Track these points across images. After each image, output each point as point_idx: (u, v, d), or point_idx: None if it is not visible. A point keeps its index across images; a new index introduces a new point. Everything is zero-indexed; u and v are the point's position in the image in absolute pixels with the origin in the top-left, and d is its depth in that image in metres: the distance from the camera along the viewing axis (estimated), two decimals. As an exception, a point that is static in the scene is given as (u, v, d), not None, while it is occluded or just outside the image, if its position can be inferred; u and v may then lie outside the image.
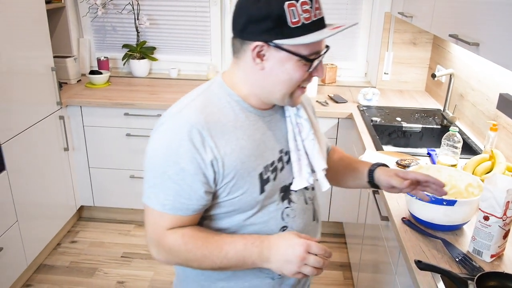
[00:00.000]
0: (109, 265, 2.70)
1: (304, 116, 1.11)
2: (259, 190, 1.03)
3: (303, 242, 0.97)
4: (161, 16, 3.25)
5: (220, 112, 1.01)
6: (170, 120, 0.99)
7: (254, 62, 0.98)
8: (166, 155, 0.96)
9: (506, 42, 1.29)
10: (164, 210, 0.99)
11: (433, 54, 3.04)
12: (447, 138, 1.80)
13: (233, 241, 1.00)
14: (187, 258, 1.01)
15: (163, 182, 0.98)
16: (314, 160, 1.11)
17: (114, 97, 2.84)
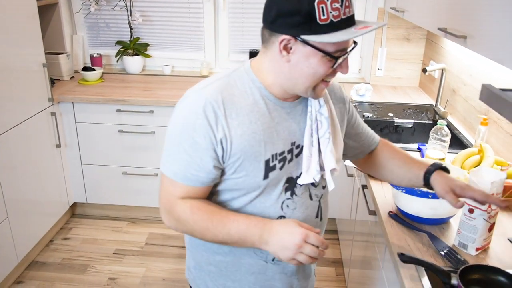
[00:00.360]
0: (101, 262, 2.69)
1: (325, 114, 1.12)
2: (263, 175, 1.07)
3: (303, 231, 1.00)
4: (154, 13, 3.24)
5: (240, 95, 1.05)
6: (192, 96, 1.05)
7: (281, 54, 1.00)
8: (183, 127, 1.03)
9: (493, 35, 1.29)
10: (175, 179, 1.06)
11: (426, 50, 3.03)
12: (435, 132, 1.79)
13: (237, 220, 1.05)
14: (193, 228, 1.07)
15: (178, 153, 1.05)
16: (325, 159, 1.12)
17: (106, 94, 2.83)
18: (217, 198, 1.14)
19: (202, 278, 1.26)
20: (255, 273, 1.19)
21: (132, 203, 3.07)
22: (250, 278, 1.20)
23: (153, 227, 3.05)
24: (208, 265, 1.22)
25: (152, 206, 3.06)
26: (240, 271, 1.20)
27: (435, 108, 2.54)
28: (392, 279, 1.42)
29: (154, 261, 2.71)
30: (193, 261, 1.27)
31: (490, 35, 1.30)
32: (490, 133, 2.01)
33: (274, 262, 1.18)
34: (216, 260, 1.20)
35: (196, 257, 1.25)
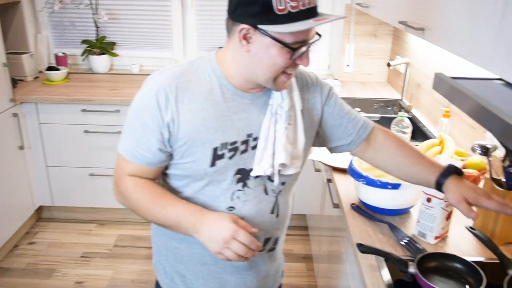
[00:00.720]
0: (67, 266, 2.63)
1: (285, 108, 1.11)
2: (209, 162, 1.07)
3: (233, 227, 1.00)
4: (121, 11, 3.19)
5: (197, 82, 1.07)
6: (150, 79, 1.08)
7: (241, 44, 1.00)
8: (137, 108, 1.07)
9: (449, 27, 1.30)
10: (125, 156, 1.10)
11: (393, 46, 3.07)
12: (395, 124, 1.81)
13: (176, 205, 1.07)
14: (135, 205, 1.11)
15: (130, 131, 1.08)
16: (276, 153, 1.11)
17: (71, 93, 2.77)
18: (170, 183, 1.16)
19: (162, 263, 1.27)
20: (207, 263, 1.19)
21: (100, 205, 3.00)
22: (203, 269, 1.20)
23: (122, 228, 3.00)
24: (166, 251, 1.24)
25: (121, 207, 2.99)
26: (193, 261, 1.20)
27: (401, 102, 2.57)
28: (355, 272, 1.42)
29: (123, 263, 2.66)
30: (155, 245, 1.29)
31: (446, 27, 1.31)
32: (453, 125, 2.04)
33: None
34: (172, 246, 1.22)
35: (156, 241, 1.28)
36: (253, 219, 1.14)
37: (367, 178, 1.41)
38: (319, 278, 2.33)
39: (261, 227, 1.16)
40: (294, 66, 1.03)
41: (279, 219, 1.21)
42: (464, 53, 1.17)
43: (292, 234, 2.95)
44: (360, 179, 1.43)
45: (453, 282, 1.16)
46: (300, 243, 2.87)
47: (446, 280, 1.16)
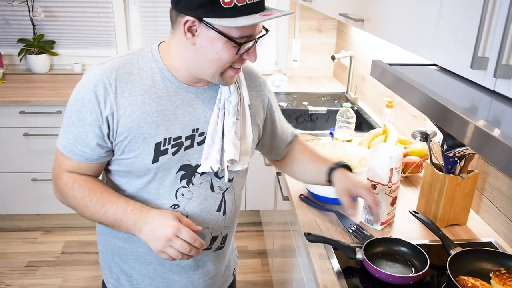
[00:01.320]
0: (11, 277, 2.49)
1: (233, 103, 1.08)
2: (152, 158, 1.04)
3: (175, 225, 0.97)
4: (58, 8, 3.05)
5: (138, 75, 1.03)
6: (89, 70, 1.03)
7: (186, 37, 0.97)
8: (74, 101, 1.02)
9: (386, 18, 1.34)
10: (63, 151, 1.05)
11: (338, 40, 3.12)
12: (341, 114, 1.84)
13: (116, 202, 1.03)
14: (73, 203, 1.06)
15: (68, 126, 1.03)
16: (225, 149, 1.09)
17: (8, 95, 2.62)
18: (113, 179, 1.12)
19: (107, 262, 1.23)
20: (152, 263, 1.15)
21: (46, 211, 2.87)
22: (149, 268, 1.16)
23: (69, 235, 2.88)
24: (111, 250, 1.20)
25: (68, 212, 2.86)
26: (138, 260, 1.16)
27: (346, 95, 2.62)
28: (306, 264, 1.43)
29: (71, 270, 2.55)
30: (100, 244, 1.24)
31: (384, 18, 1.34)
32: (396, 115, 2.10)
33: None
34: (116, 245, 1.18)
35: (101, 240, 1.22)
36: (198, 217, 1.11)
37: (314, 169, 1.42)
38: (274, 273, 2.34)
39: (207, 225, 1.13)
40: (241, 61, 1.01)
41: (226, 216, 1.18)
42: (400, 42, 1.20)
43: (247, 230, 2.94)
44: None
45: (400, 265, 1.19)
46: (254, 239, 2.86)
47: (393, 264, 1.19)
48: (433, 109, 0.85)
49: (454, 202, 1.35)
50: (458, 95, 0.88)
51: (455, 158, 1.30)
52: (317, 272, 1.17)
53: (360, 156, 1.55)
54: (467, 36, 0.87)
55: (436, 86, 0.93)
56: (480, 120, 0.72)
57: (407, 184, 1.65)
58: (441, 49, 0.97)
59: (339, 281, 1.14)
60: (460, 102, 0.83)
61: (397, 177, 1.32)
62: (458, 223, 1.40)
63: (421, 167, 1.64)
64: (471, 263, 1.17)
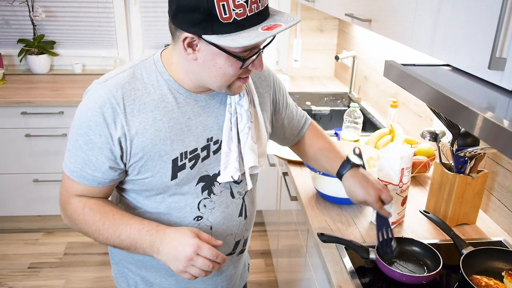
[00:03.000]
0: (14, 278, 2.47)
1: (245, 106, 1.04)
2: (170, 175, 1.00)
3: (195, 243, 0.92)
4: (59, 8, 3.04)
5: (144, 90, 0.97)
6: (92, 90, 0.98)
7: (186, 52, 0.91)
8: (80, 123, 0.96)
9: (393, 18, 1.34)
10: (72, 177, 1.00)
11: (339, 40, 3.13)
12: (348, 114, 1.84)
13: (130, 224, 0.97)
14: (84, 228, 1.01)
15: (75, 149, 0.98)
16: (244, 156, 1.06)
17: (9, 96, 2.60)
18: (127, 197, 1.08)
19: (124, 274, 1.19)
20: (174, 275, 1.12)
21: (47, 212, 2.85)
22: (171, 280, 1.14)
23: (71, 236, 2.86)
24: (128, 264, 1.16)
25: (70, 213, 2.87)
26: (159, 273, 1.13)
27: (349, 95, 2.63)
28: (317, 263, 1.43)
29: (74, 271, 2.54)
30: (114, 257, 1.21)
31: (393, 18, 1.35)
32: (400, 115, 2.11)
33: None
34: (135, 260, 1.14)
35: (116, 255, 1.19)
36: (222, 225, 1.10)
37: (324, 169, 1.42)
38: (279, 273, 2.34)
39: (230, 231, 1.12)
40: (247, 72, 0.96)
41: (247, 220, 1.17)
42: (410, 43, 1.20)
43: (249, 230, 2.94)
44: (317, 170, 1.43)
45: (412, 265, 1.19)
46: (257, 239, 2.86)
47: (406, 264, 1.20)
48: (452, 107, 0.86)
49: (464, 201, 1.36)
50: (475, 95, 0.88)
51: (465, 158, 1.30)
52: (331, 272, 1.18)
53: (368, 156, 1.56)
54: (484, 37, 0.87)
55: (452, 85, 0.93)
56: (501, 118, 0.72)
57: (414, 183, 1.65)
58: (456, 49, 0.97)
59: (352, 281, 1.14)
60: (478, 101, 0.83)
61: (408, 177, 1.33)
62: (467, 222, 1.40)
63: (428, 167, 1.65)
64: (483, 262, 1.18)
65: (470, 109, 0.78)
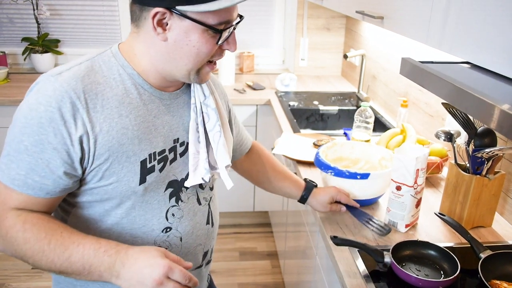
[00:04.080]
0: (18, 279, 2.45)
1: (212, 106, 1.00)
2: (138, 179, 0.91)
3: (165, 264, 0.80)
4: (64, 6, 3.01)
5: (106, 84, 0.87)
6: (44, 82, 0.84)
7: (156, 32, 0.85)
8: (27, 121, 0.82)
9: (406, 14, 1.31)
10: (12, 186, 0.84)
11: (346, 39, 3.09)
12: (359, 113, 1.81)
13: (83, 243, 0.83)
14: (23, 249, 0.83)
15: (18, 153, 0.83)
16: (218, 156, 1.00)
17: (13, 94, 2.58)
18: (80, 214, 0.94)
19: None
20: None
21: (51, 212, 2.82)
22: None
23: (75, 236, 2.83)
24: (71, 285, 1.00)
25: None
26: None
27: (358, 94, 2.59)
28: (328, 266, 1.40)
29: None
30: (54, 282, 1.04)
31: (406, 14, 1.31)
32: (410, 114, 2.07)
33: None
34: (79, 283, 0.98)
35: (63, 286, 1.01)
36: (192, 235, 1.03)
37: (335, 169, 1.38)
38: (286, 275, 2.30)
39: (199, 241, 1.06)
40: (220, 53, 0.91)
41: (214, 228, 1.12)
42: (427, 40, 1.17)
43: (255, 232, 2.91)
44: (328, 170, 1.40)
45: (428, 269, 1.16)
46: (263, 241, 2.83)
47: (421, 268, 1.16)
48: (473, 103, 0.82)
49: (480, 203, 1.32)
50: (497, 91, 0.85)
51: (482, 159, 1.26)
52: (344, 275, 1.14)
53: (380, 156, 1.52)
54: (508, 32, 0.83)
55: (473, 82, 0.90)
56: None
57: (427, 185, 1.61)
58: (477, 46, 0.93)
59: (367, 285, 1.11)
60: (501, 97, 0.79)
61: (423, 178, 1.29)
62: (483, 225, 1.36)
63: (441, 167, 1.61)
64: (502, 266, 1.13)
65: (493, 104, 0.75)
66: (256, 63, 3.27)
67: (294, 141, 1.92)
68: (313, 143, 1.89)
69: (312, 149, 1.85)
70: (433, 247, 1.19)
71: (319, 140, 1.90)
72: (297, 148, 1.84)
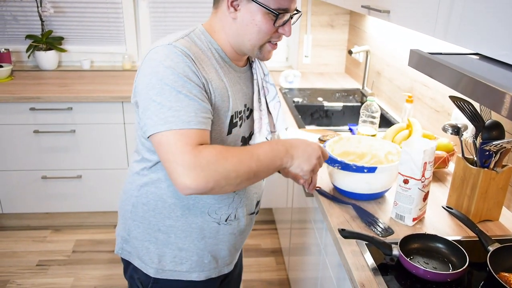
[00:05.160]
0: (22, 276, 2.45)
1: (270, 81, 1.24)
2: (227, 130, 1.13)
3: (320, 148, 1.15)
4: (67, 3, 3.01)
5: (204, 54, 1.09)
6: (163, 49, 1.02)
7: (229, 11, 1.07)
8: (175, 75, 0.99)
9: (412, 8, 1.31)
10: (189, 127, 0.98)
11: (350, 36, 3.08)
12: (365, 108, 1.80)
13: (259, 146, 1.09)
14: (225, 167, 0.99)
15: (180, 102, 0.99)
16: (277, 121, 1.25)
17: (17, 91, 2.58)
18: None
19: (144, 247, 1.21)
20: (205, 237, 1.20)
21: (55, 210, 2.83)
22: (200, 244, 1.20)
23: (79, 233, 2.84)
24: (155, 232, 1.19)
25: (77, 211, 2.84)
26: (190, 237, 1.19)
27: (362, 91, 2.58)
28: (334, 261, 1.39)
29: (83, 269, 2.51)
30: (134, 231, 1.22)
31: (413, 7, 1.31)
32: (416, 110, 2.06)
33: (226, 223, 1.22)
34: (165, 225, 1.18)
35: (139, 227, 1.21)
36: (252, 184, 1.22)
37: (342, 163, 1.38)
38: (291, 271, 2.30)
39: (255, 190, 1.28)
40: (278, 35, 1.11)
41: (263, 182, 1.34)
42: (434, 32, 1.16)
43: (259, 228, 2.91)
44: (335, 164, 1.39)
45: (436, 262, 1.15)
46: (267, 238, 2.82)
47: (429, 261, 1.16)
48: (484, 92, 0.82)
49: (488, 197, 1.31)
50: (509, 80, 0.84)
51: (490, 152, 1.26)
52: (352, 269, 1.14)
53: (386, 151, 1.52)
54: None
55: (483, 71, 0.89)
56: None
57: (433, 179, 1.61)
58: (486, 37, 0.93)
59: (375, 278, 1.10)
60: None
61: (430, 172, 1.28)
62: (490, 219, 1.36)
63: (448, 162, 1.61)
64: (511, 259, 1.13)
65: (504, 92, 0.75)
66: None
67: (300, 137, 1.91)
68: (319, 139, 1.89)
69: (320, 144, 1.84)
70: (441, 240, 1.18)
71: (325, 135, 1.90)
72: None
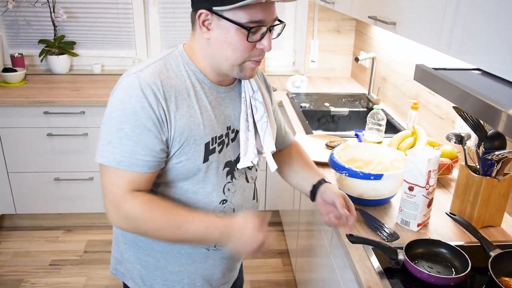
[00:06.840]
0: (36, 275, 2.52)
1: (259, 99, 1.15)
2: (202, 158, 1.07)
3: (260, 239, 1.04)
4: (80, 9, 3.08)
5: (177, 79, 1.04)
6: (127, 79, 1.01)
7: (201, 31, 1.01)
8: (123, 112, 0.98)
9: (418, 21, 1.36)
10: (120, 167, 0.99)
11: (356, 41, 3.14)
12: (371, 116, 1.86)
13: (194, 221, 1.03)
14: (145, 229, 1.03)
15: (119, 139, 0.98)
16: (264, 142, 1.16)
17: (31, 95, 2.65)
18: (157, 189, 1.11)
19: (136, 270, 1.21)
20: (195, 262, 1.19)
21: (67, 210, 2.90)
22: (190, 268, 1.19)
23: (91, 234, 2.91)
24: (145, 256, 1.18)
25: (89, 212, 2.91)
26: (179, 262, 1.18)
27: (368, 96, 2.63)
28: (341, 264, 1.45)
29: (95, 268, 2.58)
30: (126, 254, 1.21)
31: (419, 21, 1.36)
32: (421, 116, 2.12)
33: (216, 248, 1.19)
34: (154, 251, 1.17)
35: (130, 250, 1.20)
36: (242, 208, 1.19)
37: (349, 170, 1.44)
38: (298, 273, 2.35)
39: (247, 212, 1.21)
40: (257, 51, 1.02)
41: (258, 203, 1.29)
42: (439, 46, 1.21)
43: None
44: (343, 171, 1.45)
45: (440, 266, 1.21)
46: (274, 239, 2.88)
47: (433, 265, 1.21)
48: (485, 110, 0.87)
49: (490, 204, 1.36)
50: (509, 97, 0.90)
51: (492, 161, 1.31)
52: (360, 272, 1.19)
53: (392, 158, 1.57)
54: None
55: (485, 88, 0.94)
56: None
57: (438, 185, 1.66)
58: (488, 53, 0.98)
59: (382, 281, 1.16)
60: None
61: (434, 179, 1.34)
62: (492, 225, 1.41)
63: (451, 169, 1.66)
64: (511, 264, 1.18)
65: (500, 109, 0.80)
66: (267, 64, 3.32)
67: (307, 142, 1.97)
68: (326, 144, 1.94)
69: (325, 150, 1.90)
70: (445, 245, 1.24)
71: (332, 141, 1.95)
72: (310, 149, 1.89)
